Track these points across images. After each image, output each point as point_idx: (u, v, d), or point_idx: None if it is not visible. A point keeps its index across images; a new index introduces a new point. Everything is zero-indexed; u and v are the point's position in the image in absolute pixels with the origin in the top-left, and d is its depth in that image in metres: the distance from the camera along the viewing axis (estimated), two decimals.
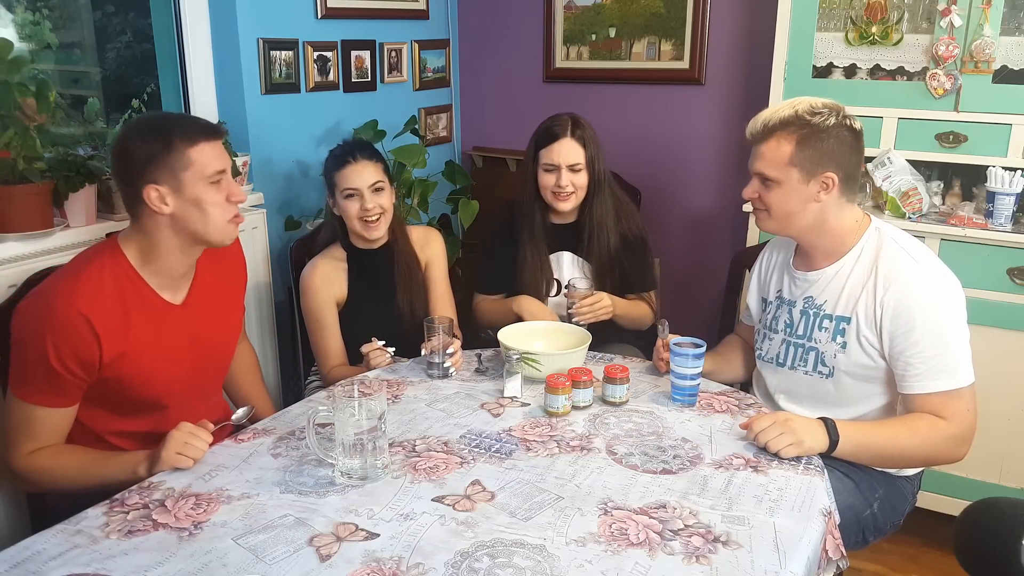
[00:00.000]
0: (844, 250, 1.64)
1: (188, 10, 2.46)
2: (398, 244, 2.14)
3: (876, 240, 1.62)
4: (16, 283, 1.76)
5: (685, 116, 3.03)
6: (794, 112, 1.57)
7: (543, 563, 1.15)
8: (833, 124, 1.56)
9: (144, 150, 1.47)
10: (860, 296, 1.59)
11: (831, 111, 1.58)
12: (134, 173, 1.48)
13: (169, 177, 1.48)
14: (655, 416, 1.62)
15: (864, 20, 2.42)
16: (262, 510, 1.29)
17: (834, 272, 1.65)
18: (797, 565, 1.16)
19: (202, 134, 1.51)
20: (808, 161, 1.56)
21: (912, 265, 1.57)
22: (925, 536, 2.41)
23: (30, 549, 1.18)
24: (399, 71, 3.11)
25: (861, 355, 1.61)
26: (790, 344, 1.72)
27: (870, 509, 1.62)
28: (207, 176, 1.50)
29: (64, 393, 1.48)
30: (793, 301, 1.72)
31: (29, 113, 1.89)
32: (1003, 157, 2.29)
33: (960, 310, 1.56)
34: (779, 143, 1.57)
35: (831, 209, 1.61)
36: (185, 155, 1.48)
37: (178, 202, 1.49)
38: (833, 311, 1.64)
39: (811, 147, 1.56)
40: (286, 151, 2.70)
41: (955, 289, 1.57)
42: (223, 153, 1.55)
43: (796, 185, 1.58)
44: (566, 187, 2.14)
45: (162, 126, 1.51)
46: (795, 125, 1.56)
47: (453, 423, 1.60)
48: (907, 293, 1.54)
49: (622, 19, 3.08)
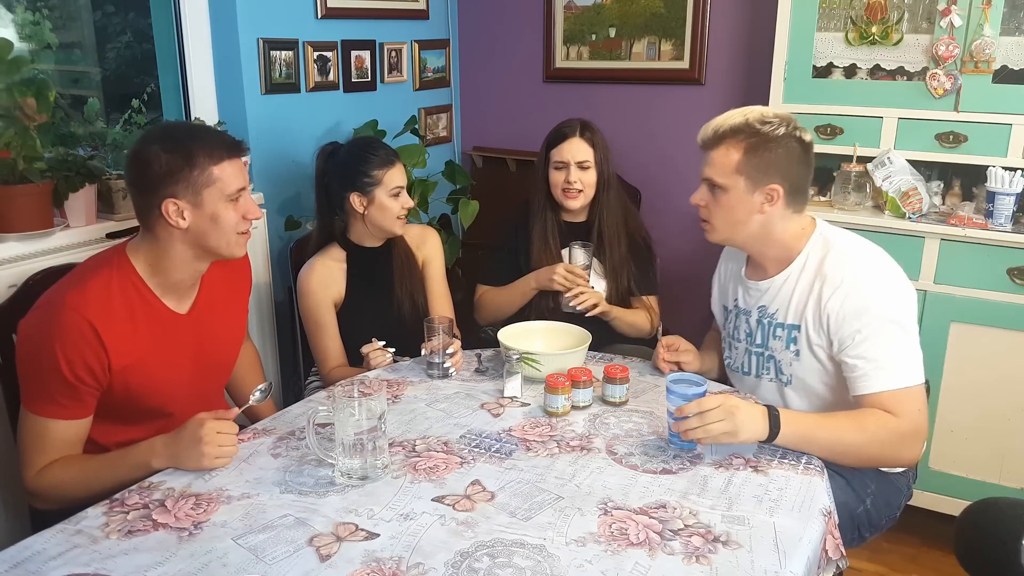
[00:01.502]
0: (791, 258, 1.64)
1: (188, 10, 2.46)
2: (396, 243, 2.14)
3: (821, 246, 1.62)
4: (16, 283, 1.76)
5: (685, 116, 3.03)
6: (745, 120, 1.57)
7: (543, 563, 1.15)
8: (782, 135, 1.56)
9: (166, 163, 1.45)
10: (807, 303, 1.59)
11: (782, 122, 1.58)
12: (153, 185, 1.46)
13: (190, 193, 1.47)
14: (655, 416, 1.62)
15: (864, 20, 2.42)
16: (262, 510, 1.29)
17: (782, 280, 1.65)
18: (797, 565, 1.16)
19: (227, 151, 1.50)
20: (755, 170, 1.57)
21: (855, 267, 1.56)
22: (925, 536, 2.41)
23: (30, 549, 1.18)
24: (399, 71, 3.11)
25: (814, 362, 1.62)
26: (751, 353, 1.74)
27: (863, 505, 1.62)
28: (228, 194, 1.50)
29: (79, 402, 1.46)
30: (748, 311, 1.73)
31: (29, 113, 1.89)
32: (1003, 157, 2.29)
33: (907, 309, 1.55)
34: (728, 150, 1.58)
35: (776, 221, 1.61)
36: (208, 172, 1.47)
37: (195, 218, 1.49)
38: (784, 319, 1.64)
39: (758, 156, 1.56)
40: (286, 151, 2.70)
41: (901, 289, 1.57)
42: (244, 171, 1.55)
43: (742, 194, 1.58)
44: (575, 183, 2.20)
45: (185, 140, 1.49)
46: (744, 133, 1.57)
47: (453, 423, 1.60)
48: (851, 295, 1.54)
49: (622, 19, 3.08)
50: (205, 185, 1.47)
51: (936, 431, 2.38)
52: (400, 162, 2.08)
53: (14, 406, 1.67)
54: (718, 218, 1.64)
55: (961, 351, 2.32)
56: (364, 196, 2.03)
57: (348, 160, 2.07)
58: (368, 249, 2.12)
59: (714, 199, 1.62)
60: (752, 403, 1.49)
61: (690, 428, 1.41)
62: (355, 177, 2.03)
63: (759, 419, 1.44)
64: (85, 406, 1.48)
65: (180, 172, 1.45)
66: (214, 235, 1.51)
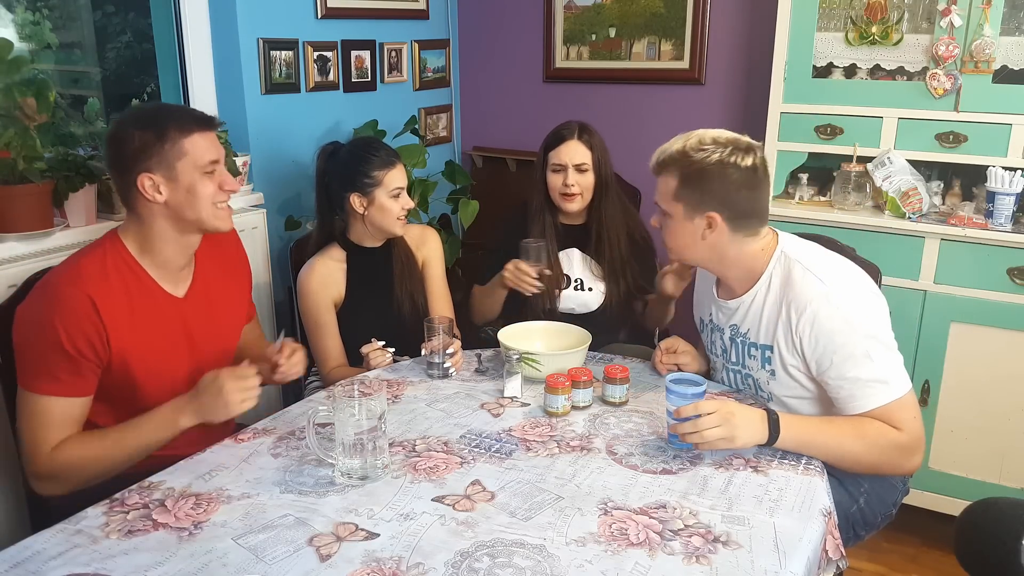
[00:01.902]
0: (755, 277, 1.62)
1: (188, 10, 2.46)
2: (396, 243, 2.14)
3: (784, 265, 1.59)
4: (16, 283, 1.76)
5: (685, 116, 3.02)
6: (682, 147, 1.57)
7: (543, 563, 1.15)
8: (715, 161, 1.53)
9: (138, 139, 1.48)
10: (776, 325, 1.58)
11: (718, 147, 1.54)
12: (128, 162, 1.49)
13: (163, 167, 1.49)
14: (655, 416, 1.62)
15: (864, 20, 2.42)
16: (262, 510, 1.29)
17: (750, 300, 1.64)
18: (797, 565, 1.16)
19: (196, 124, 1.52)
20: (690, 198, 1.56)
21: (819, 287, 1.53)
22: (925, 536, 2.41)
23: (30, 549, 1.18)
24: (399, 71, 3.11)
25: (790, 381, 1.61)
26: (729, 371, 1.74)
27: (856, 504, 1.62)
28: (201, 166, 1.52)
29: (80, 377, 1.46)
30: (722, 328, 1.72)
31: (29, 113, 1.89)
32: (1003, 157, 2.29)
33: (879, 321, 1.53)
34: (667, 178, 1.59)
35: (726, 246, 1.60)
36: (179, 145, 1.49)
37: (172, 191, 1.50)
38: (757, 339, 1.63)
39: (691, 185, 1.56)
40: (286, 151, 2.70)
41: (868, 301, 1.54)
42: (217, 143, 1.57)
43: (682, 220, 1.59)
44: (572, 186, 2.19)
45: (156, 115, 1.52)
46: (679, 163, 1.57)
47: (453, 423, 1.60)
48: (819, 317, 1.51)
49: (622, 19, 3.08)
50: (177, 158, 1.49)
51: (936, 431, 2.38)
52: (401, 163, 2.08)
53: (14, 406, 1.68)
54: (670, 241, 1.65)
55: (961, 351, 2.32)
56: (364, 197, 2.03)
57: (349, 160, 2.06)
58: (368, 249, 2.12)
59: (664, 224, 1.64)
60: (751, 407, 1.48)
61: (686, 432, 1.41)
62: (355, 177, 2.03)
63: (757, 424, 1.44)
64: (86, 382, 1.47)
65: (152, 147, 1.48)
66: (192, 208, 1.52)
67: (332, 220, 2.13)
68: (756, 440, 1.43)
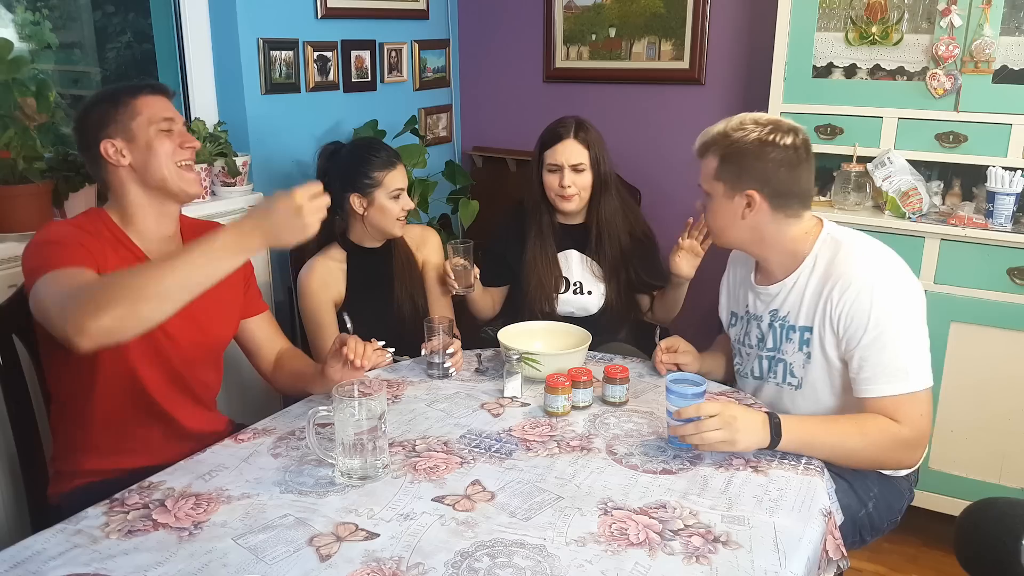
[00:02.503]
0: (798, 261, 1.63)
1: (188, 10, 2.46)
2: (396, 243, 2.14)
3: (830, 247, 1.61)
4: (16, 283, 1.75)
5: (685, 116, 3.03)
6: (723, 129, 1.61)
7: (543, 563, 1.15)
8: (753, 140, 1.56)
9: (96, 113, 1.55)
10: (819, 304, 1.59)
11: (758, 126, 1.58)
12: (91, 135, 1.55)
13: (120, 129, 1.54)
14: (655, 416, 1.62)
15: (864, 20, 2.42)
16: (262, 510, 1.29)
17: (792, 283, 1.64)
18: (797, 565, 1.16)
19: (148, 88, 1.60)
20: (730, 176, 1.59)
21: (867, 267, 1.56)
22: (925, 536, 2.41)
23: (30, 549, 1.18)
24: (399, 71, 3.11)
25: (825, 363, 1.61)
26: (762, 358, 1.73)
27: (865, 509, 1.62)
28: (155, 122, 1.56)
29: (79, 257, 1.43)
30: (760, 316, 1.72)
31: (29, 113, 1.89)
32: (1003, 157, 2.29)
33: (917, 312, 1.55)
34: (709, 158, 1.63)
35: (766, 225, 1.61)
36: (131, 106, 1.55)
37: (133, 152, 1.55)
38: (796, 322, 1.64)
39: (732, 163, 1.59)
40: (286, 151, 2.70)
41: (911, 290, 1.56)
42: (170, 106, 1.62)
43: (722, 200, 1.62)
44: (568, 187, 2.16)
45: (109, 90, 1.61)
46: (720, 144, 1.60)
47: (453, 423, 1.60)
48: (861, 295, 1.52)
49: (622, 19, 3.08)
50: (131, 118, 1.55)
51: (936, 431, 2.38)
52: (401, 164, 2.08)
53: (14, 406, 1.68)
54: (711, 224, 1.70)
55: (961, 351, 2.32)
56: (364, 197, 2.03)
57: (349, 161, 2.07)
58: (368, 249, 2.12)
59: (707, 206, 1.68)
60: (752, 410, 1.48)
61: (687, 434, 1.41)
62: (356, 178, 2.02)
63: (759, 427, 1.43)
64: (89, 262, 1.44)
65: (108, 114, 1.55)
66: (153, 165, 1.56)
67: (332, 220, 2.12)
68: (757, 444, 1.43)
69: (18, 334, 1.65)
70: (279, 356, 1.82)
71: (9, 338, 1.65)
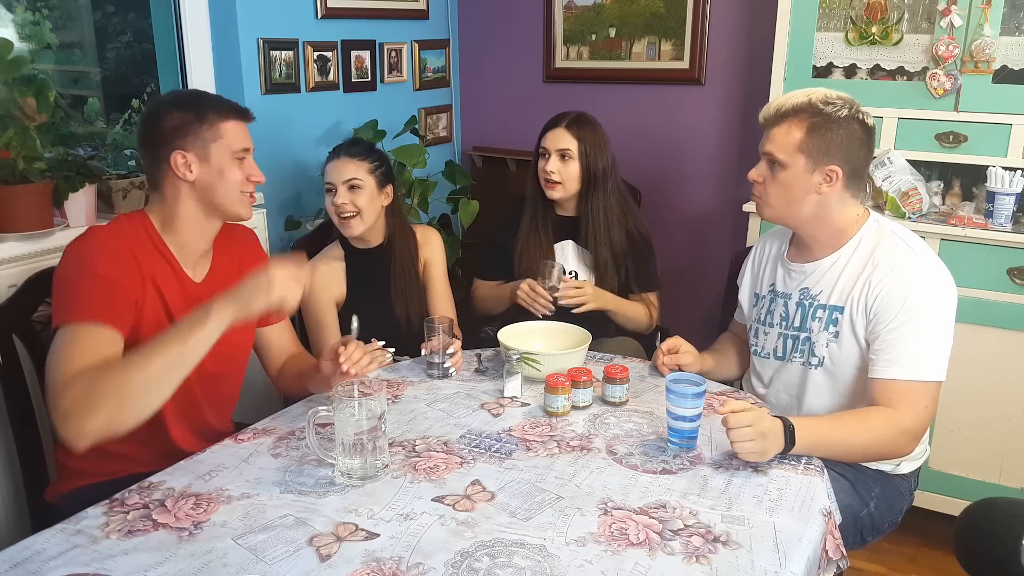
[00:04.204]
0: (842, 242, 1.65)
1: (188, 10, 2.46)
2: (395, 244, 2.14)
3: (875, 232, 1.63)
4: (16, 283, 1.76)
5: (685, 116, 3.03)
6: (808, 100, 1.59)
7: (543, 563, 1.15)
8: (845, 116, 1.57)
9: (177, 118, 1.52)
10: (855, 284, 1.60)
11: (845, 104, 1.58)
12: (164, 139, 1.52)
13: (198, 146, 1.53)
14: (655, 416, 1.62)
15: (864, 20, 2.42)
16: (262, 510, 1.29)
17: (830, 263, 1.65)
18: (797, 565, 1.16)
19: (233, 112, 1.58)
20: (816, 150, 1.57)
21: (910, 255, 1.58)
22: (925, 536, 2.41)
23: (30, 549, 1.18)
24: (399, 71, 3.11)
25: (852, 344, 1.62)
26: (786, 337, 1.72)
27: (867, 508, 1.62)
28: (234, 151, 1.56)
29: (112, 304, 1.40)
30: (788, 293, 1.72)
31: (29, 113, 1.89)
32: (1003, 157, 2.29)
33: (948, 307, 1.57)
34: (790, 128, 1.59)
35: (833, 203, 1.62)
36: (216, 127, 1.54)
37: (202, 171, 1.54)
38: (827, 301, 1.65)
39: (820, 136, 1.57)
40: (286, 151, 2.70)
41: (948, 286, 1.58)
42: (248, 134, 1.61)
43: (801, 172, 1.59)
44: (552, 173, 2.20)
45: (196, 98, 1.58)
46: (807, 112, 1.58)
47: (453, 423, 1.60)
48: (899, 280, 1.55)
49: (622, 19, 3.08)
50: (213, 139, 1.53)
51: (936, 431, 2.38)
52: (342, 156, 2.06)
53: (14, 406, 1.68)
54: (774, 195, 1.64)
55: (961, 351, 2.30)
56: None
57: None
58: (368, 249, 2.13)
59: (772, 176, 1.63)
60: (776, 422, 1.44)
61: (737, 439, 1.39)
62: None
63: (779, 435, 1.42)
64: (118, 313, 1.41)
65: (190, 126, 1.52)
66: (220, 190, 1.55)
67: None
68: (778, 450, 1.42)
69: (18, 334, 1.65)
70: (287, 360, 1.83)
71: (9, 338, 1.65)
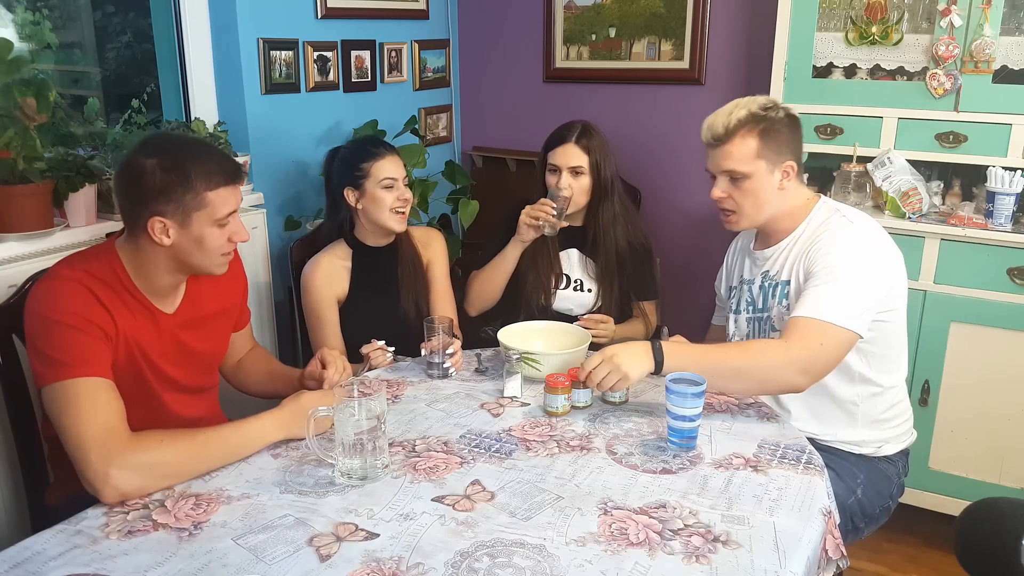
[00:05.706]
0: (796, 225, 1.74)
1: (188, 10, 2.46)
2: (403, 243, 2.15)
3: (824, 212, 1.73)
4: (16, 283, 1.76)
5: (685, 116, 3.02)
6: (749, 111, 1.69)
7: (543, 563, 1.15)
8: (783, 116, 1.70)
9: (160, 181, 1.42)
10: (800, 259, 1.69)
11: (776, 105, 1.71)
12: (143, 199, 1.43)
13: (179, 214, 1.44)
14: (655, 416, 1.62)
15: (864, 20, 2.42)
16: (262, 510, 1.29)
17: (785, 245, 1.75)
18: (797, 565, 1.16)
19: (224, 178, 1.48)
20: (771, 152, 1.68)
21: (847, 226, 1.66)
22: (925, 536, 2.41)
23: (30, 549, 1.18)
24: (399, 71, 3.11)
25: None
26: (753, 320, 1.81)
27: (854, 495, 1.66)
28: (217, 219, 1.48)
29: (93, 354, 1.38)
30: (752, 279, 1.82)
31: (29, 113, 1.89)
32: (1003, 157, 2.29)
33: (874, 268, 1.62)
34: (744, 139, 1.68)
35: (794, 193, 1.74)
36: (201, 197, 1.45)
37: (180, 238, 1.46)
38: (779, 277, 1.74)
39: (771, 138, 1.68)
40: (286, 151, 2.70)
41: (879, 249, 1.65)
42: (238, 194, 1.52)
43: (764, 176, 1.69)
44: (564, 189, 2.19)
45: (184, 160, 1.45)
46: (754, 121, 1.68)
47: (453, 423, 1.60)
48: (828, 243, 1.64)
49: (622, 19, 3.08)
50: (196, 209, 1.45)
51: (936, 431, 2.38)
52: (393, 154, 2.08)
53: (14, 406, 1.68)
54: (745, 205, 1.73)
55: (961, 351, 2.32)
56: (356, 190, 2.05)
57: (344, 156, 2.11)
58: (374, 249, 2.13)
59: (737, 189, 1.72)
60: (632, 343, 1.57)
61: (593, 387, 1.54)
62: (348, 172, 2.05)
63: (643, 355, 1.53)
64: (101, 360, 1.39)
65: (173, 192, 1.43)
66: (197, 256, 1.50)
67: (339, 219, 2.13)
68: (646, 370, 1.53)
69: (18, 334, 1.65)
70: (245, 355, 1.85)
71: (9, 338, 1.65)
